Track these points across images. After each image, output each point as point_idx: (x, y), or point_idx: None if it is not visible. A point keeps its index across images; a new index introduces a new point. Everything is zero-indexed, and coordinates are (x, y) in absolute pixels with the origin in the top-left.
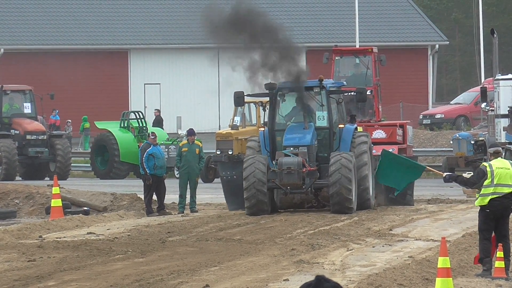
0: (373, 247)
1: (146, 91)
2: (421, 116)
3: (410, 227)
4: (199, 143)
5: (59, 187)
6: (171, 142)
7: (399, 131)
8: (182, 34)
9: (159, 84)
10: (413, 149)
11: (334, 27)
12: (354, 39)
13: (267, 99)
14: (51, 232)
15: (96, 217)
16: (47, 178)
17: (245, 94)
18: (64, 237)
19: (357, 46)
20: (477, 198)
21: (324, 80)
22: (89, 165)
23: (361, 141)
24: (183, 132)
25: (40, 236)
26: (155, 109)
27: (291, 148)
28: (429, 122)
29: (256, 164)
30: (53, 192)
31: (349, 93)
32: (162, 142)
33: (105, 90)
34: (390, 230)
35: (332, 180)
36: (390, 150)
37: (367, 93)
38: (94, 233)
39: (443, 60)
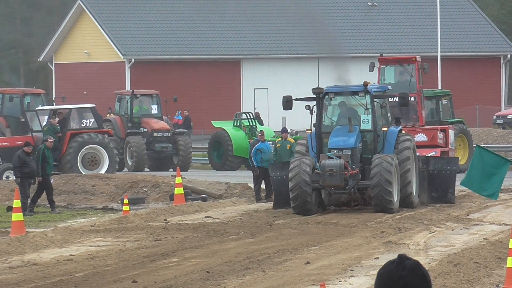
0: (452, 230)
1: (256, 95)
2: (494, 117)
3: (485, 213)
4: (291, 140)
5: (181, 177)
6: (276, 139)
7: (440, 135)
8: (287, 45)
9: (267, 89)
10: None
11: (416, 38)
12: (435, 49)
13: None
14: (174, 216)
15: (213, 203)
16: (171, 170)
17: (293, 98)
18: (185, 220)
19: (439, 56)
20: None
21: (369, 84)
22: (206, 158)
23: (404, 139)
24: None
25: (165, 219)
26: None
27: (335, 151)
28: (501, 122)
29: (301, 166)
30: (176, 182)
31: (393, 99)
32: (269, 139)
33: (221, 94)
34: (467, 215)
35: (373, 183)
36: (432, 153)
37: (411, 99)
38: (211, 217)
39: None
